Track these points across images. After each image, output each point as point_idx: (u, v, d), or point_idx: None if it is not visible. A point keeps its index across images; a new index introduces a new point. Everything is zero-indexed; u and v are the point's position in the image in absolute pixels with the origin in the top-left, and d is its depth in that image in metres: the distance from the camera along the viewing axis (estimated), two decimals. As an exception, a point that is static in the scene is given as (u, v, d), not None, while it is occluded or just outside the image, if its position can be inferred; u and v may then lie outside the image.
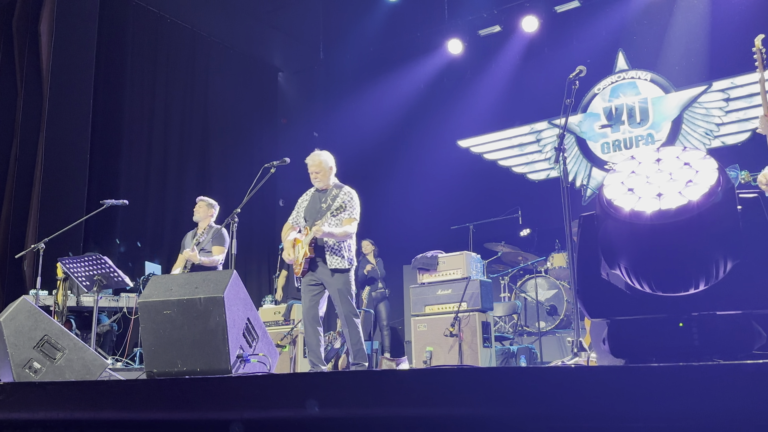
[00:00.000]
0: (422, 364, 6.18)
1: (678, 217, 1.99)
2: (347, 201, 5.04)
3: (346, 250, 4.98)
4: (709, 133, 8.74)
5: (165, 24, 9.82)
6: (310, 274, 5.01)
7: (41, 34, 8.13)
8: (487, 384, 1.84)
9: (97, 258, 5.93)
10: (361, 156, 10.88)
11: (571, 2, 9.57)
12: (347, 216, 5.00)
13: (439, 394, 1.86)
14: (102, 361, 4.13)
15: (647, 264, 2.08)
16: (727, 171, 2.09)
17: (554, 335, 7.45)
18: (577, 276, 2.41)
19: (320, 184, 5.14)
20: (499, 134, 10.35)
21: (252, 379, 2.28)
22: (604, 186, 2.18)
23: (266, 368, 3.80)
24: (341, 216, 4.98)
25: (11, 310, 3.95)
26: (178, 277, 3.82)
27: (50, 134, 7.98)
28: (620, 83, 9.45)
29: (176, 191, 9.50)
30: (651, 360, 2.21)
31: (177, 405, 2.24)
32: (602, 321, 2.36)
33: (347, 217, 5.00)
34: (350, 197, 5.09)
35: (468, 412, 1.82)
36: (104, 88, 8.80)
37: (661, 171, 2.12)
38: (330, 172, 5.19)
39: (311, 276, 5.01)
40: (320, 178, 5.12)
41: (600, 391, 1.72)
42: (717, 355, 2.12)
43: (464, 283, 6.24)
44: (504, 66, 10.26)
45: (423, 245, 7.19)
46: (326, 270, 4.94)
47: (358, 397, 1.95)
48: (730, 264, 2.05)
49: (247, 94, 11.06)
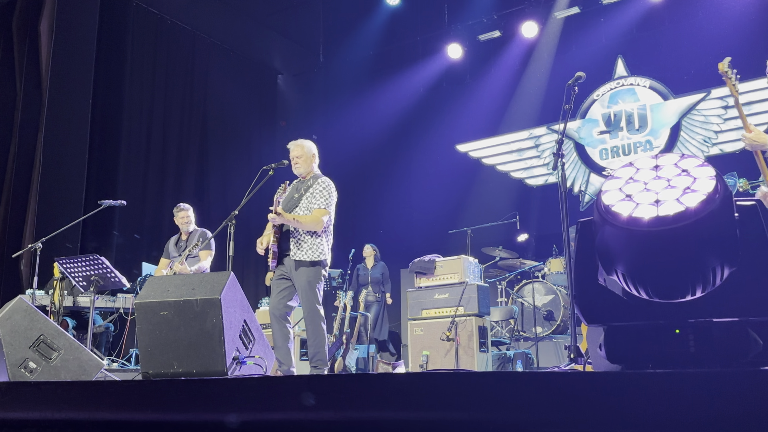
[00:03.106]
0: (418, 368, 6.18)
1: (675, 224, 1.99)
2: (320, 191, 4.83)
3: (313, 243, 4.73)
4: (708, 140, 8.77)
5: (165, 25, 9.83)
6: (280, 267, 4.80)
7: (41, 33, 8.13)
8: (484, 388, 1.84)
9: (94, 258, 5.92)
10: (360, 159, 10.91)
11: (572, 8, 9.59)
12: (317, 206, 4.78)
13: (435, 397, 1.86)
14: (98, 361, 4.13)
15: (644, 270, 2.08)
16: (725, 179, 2.10)
17: (551, 341, 7.45)
18: (574, 281, 2.41)
19: (300, 170, 4.94)
20: (497, 139, 10.37)
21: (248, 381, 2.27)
22: (602, 192, 2.18)
23: (262, 370, 3.79)
24: (312, 206, 4.79)
25: (7, 310, 3.95)
26: (175, 278, 3.82)
27: (49, 133, 7.98)
28: (619, 89, 9.47)
29: (174, 192, 9.49)
30: (647, 366, 2.21)
31: (172, 406, 2.24)
32: (599, 327, 2.36)
33: (317, 207, 4.77)
34: (324, 187, 4.86)
35: (464, 416, 1.82)
36: (103, 88, 8.80)
37: (659, 178, 2.13)
38: (311, 160, 4.99)
39: (280, 269, 4.80)
40: (301, 163, 4.93)
41: (596, 397, 1.72)
42: (713, 362, 2.12)
43: (461, 287, 6.24)
44: (503, 71, 10.29)
45: (420, 249, 7.19)
46: (291, 261, 4.73)
47: (354, 400, 1.95)
48: (727, 271, 2.05)
49: (247, 96, 11.07)
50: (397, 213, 10.62)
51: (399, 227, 10.41)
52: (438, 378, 1.97)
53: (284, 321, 4.75)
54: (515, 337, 7.68)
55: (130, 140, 9.20)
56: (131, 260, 8.33)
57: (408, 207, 10.68)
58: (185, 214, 6.34)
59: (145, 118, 9.48)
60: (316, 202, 4.80)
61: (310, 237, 4.75)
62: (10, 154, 8.12)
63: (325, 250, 4.81)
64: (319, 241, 4.77)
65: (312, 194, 4.83)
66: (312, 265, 4.72)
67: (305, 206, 4.80)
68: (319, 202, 4.80)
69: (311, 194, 4.83)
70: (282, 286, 4.80)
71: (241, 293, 3.82)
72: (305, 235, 4.75)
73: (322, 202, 4.81)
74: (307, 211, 4.79)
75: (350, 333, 7.44)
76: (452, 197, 10.11)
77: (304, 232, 4.75)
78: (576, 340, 4.04)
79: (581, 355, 3.97)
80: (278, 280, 4.82)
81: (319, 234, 4.79)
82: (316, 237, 4.77)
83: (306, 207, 4.80)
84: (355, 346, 7.59)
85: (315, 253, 4.73)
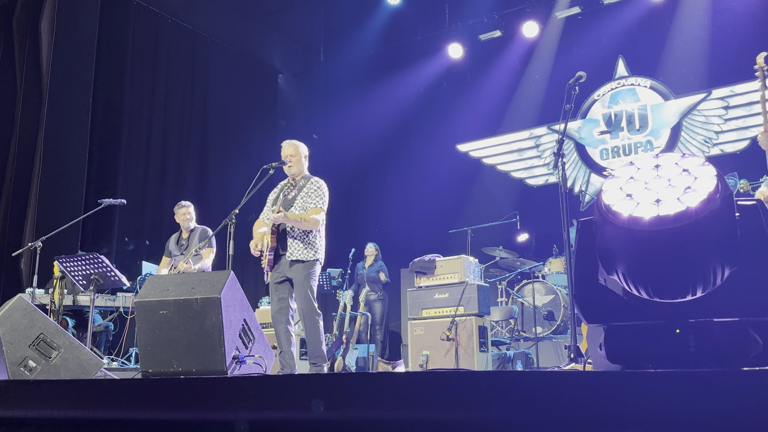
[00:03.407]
0: (418, 368, 6.17)
1: (676, 224, 1.98)
2: (314, 190, 4.88)
3: (309, 241, 4.78)
4: (708, 140, 8.76)
5: (166, 24, 9.83)
6: (275, 270, 4.80)
7: (42, 32, 8.13)
8: (483, 388, 1.84)
9: (94, 257, 5.92)
10: (360, 159, 10.90)
11: (572, 8, 9.58)
12: (313, 205, 4.82)
13: (435, 397, 1.86)
14: (97, 360, 4.13)
15: (645, 270, 2.07)
16: (725, 179, 2.09)
17: (551, 340, 7.45)
18: (575, 281, 2.41)
19: (293, 170, 4.97)
20: (498, 139, 10.37)
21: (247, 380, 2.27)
22: (603, 191, 2.18)
23: (262, 370, 3.79)
24: (307, 205, 4.83)
25: (7, 308, 3.95)
26: (174, 277, 3.81)
27: (49, 132, 7.98)
28: (620, 90, 9.47)
29: (175, 191, 9.49)
30: (647, 366, 2.21)
31: (172, 405, 2.23)
32: (599, 326, 2.36)
33: (313, 206, 4.82)
34: (318, 186, 4.92)
35: (463, 415, 1.81)
36: (104, 87, 8.80)
37: (659, 177, 2.12)
38: (304, 161, 5.05)
39: (276, 273, 4.80)
40: (293, 162, 4.96)
41: (595, 397, 1.72)
42: (713, 362, 2.11)
43: (461, 287, 6.23)
44: (504, 71, 10.28)
45: (421, 249, 7.19)
46: (287, 261, 4.76)
47: (354, 399, 1.95)
48: (728, 271, 2.05)
49: (247, 95, 11.06)
50: (397, 212, 10.62)
51: (399, 227, 10.40)
52: (438, 377, 1.97)
53: (287, 325, 4.80)
54: (515, 337, 7.68)
55: (131, 139, 9.20)
56: (131, 259, 8.33)
57: (408, 206, 10.68)
58: (186, 211, 6.36)
59: (145, 116, 9.47)
60: (312, 201, 4.85)
61: (305, 236, 4.79)
62: (11, 153, 8.11)
63: (319, 249, 4.86)
64: (314, 240, 4.82)
65: (307, 194, 4.87)
66: (308, 263, 4.75)
67: (300, 206, 4.84)
68: (315, 201, 4.85)
69: (306, 194, 4.87)
70: (280, 290, 4.82)
71: (241, 292, 3.81)
72: (301, 235, 4.78)
73: (318, 201, 4.86)
74: (303, 210, 4.83)
75: (350, 332, 7.43)
76: (452, 197, 10.10)
77: (300, 231, 4.79)
78: (576, 340, 4.04)
79: (581, 355, 3.97)
80: (276, 284, 4.83)
81: (314, 233, 4.83)
82: (311, 236, 4.81)
83: (301, 206, 4.83)
84: (355, 346, 7.59)
85: (311, 252, 4.77)
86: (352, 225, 10.59)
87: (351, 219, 10.65)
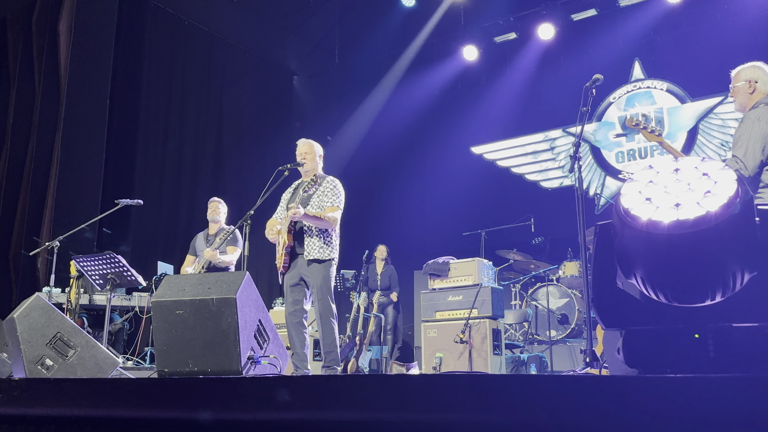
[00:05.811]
0: (432, 370, 6.16)
1: (696, 228, 1.97)
2: (330, 189, 4.88)
3: (326, 240, 4.77)
4: (725, 144, 8.69)
5: (182, 26, 9.89)
6: (290, 272, 4.80)
7: (60, 33, 8.20)
8: (497, 391, 1.83)
9: (111, 257, 5.96)
10: (374, 160, 10.92)
11: (588, 10, 9.54)
12: (330, 204, 4.82)
13: (449, 400, 1.85)
14: (113, 359, 4.16)
15: (664, 274, 2.06)
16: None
17: (565, 344, 7.41)
18: (592, 285, 2.40)
19: (307, 167, 4.99)
20: (512, 141, 10.34)
21: (262, 380, 2.28)
22: (622, 195, 2.17)
23: (277, 370, 3.80)
24: (324, 204, 4.83)
25: (25, 307, 3.99)
26: (191, 277, 3.83)
27: (67, 133, 8.05)
28: (636, 92, 9.41)
29: (191, 192, 9.55)
30: (665, 371, 2.20)
31: (188, 404, 2.25)
32: (616, 331, 2.35)
33: (330, 204, 4.82)
34: (334, 185, 4.93)
35: (477, 419, 1.81)
36: (121, 88, 8.86)
37: (679, 181, 2.11)
38: (318, 160, 5.06)
39: (291, 274, 4.80)
40: (308, 159, 4.99)
41: (613, 402, 1.71)
42: (732, 367, 2.10)
43: (475, 289, 6.22)
44: (519, 73, 10.26)
45: (434, 251, 7.18)
46: (304, 261, 4.75)
47: (368, 401, 1.95)
48: (748, 276, 2.03)
49: (262, 97, 11.11)
50: (411, 214, 10.62)
51: (413, 229, 10.40)
52: (453, 380, 1.96)
53: (301, 327, 4.80)
54: (529, 340, 7.65)
55: (147, 140, 9.27)
56: (146, 258, 8.38)
57: (422, 208, 10.67)
58: (215, 206, 6.48)
59: (162, 117, 9.54)
60: (328, 200, 4.85)
61: (322, 235, 4.79)
62: (29, 152, 8.20)
63: (335, 248, 4.86)
64: (330, 240, 4.83)
65: (323, 192, 4.87)
66: (325, 263, 4.76)
67: (316, 204, 4.84)
68: (332, 200, 4.85)
69: (322, 192, 4.87)
70: (295, 292, 4.83)
71: (256, 293, 3.83)
72: (318, 234, 4.78)
73: (335, 200, 4.86)
74: (319, 209, 4.82)
75: (363, 334, 7.44)
76: (467, 199, 10.08)
77: (316, 230, 4.78)
78: (591, 344, 4.03)
79: (597, 359, 3.96)
80: (291, 286, 4.83)
81: (329, 232, 4.83)
82: (327, 235, 4.81)
83: (318, 205, 4.83)
84: (368, 347, 7.60)
85: (327, 251, 4.77)
86: (365, 227, 10.61)
87: (364, 220, 10.66)
